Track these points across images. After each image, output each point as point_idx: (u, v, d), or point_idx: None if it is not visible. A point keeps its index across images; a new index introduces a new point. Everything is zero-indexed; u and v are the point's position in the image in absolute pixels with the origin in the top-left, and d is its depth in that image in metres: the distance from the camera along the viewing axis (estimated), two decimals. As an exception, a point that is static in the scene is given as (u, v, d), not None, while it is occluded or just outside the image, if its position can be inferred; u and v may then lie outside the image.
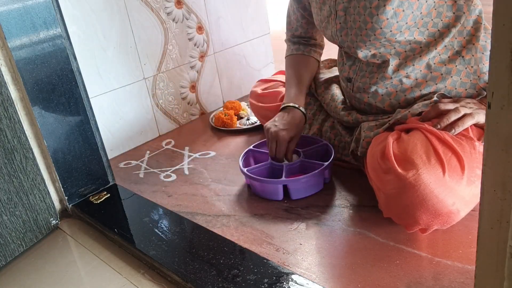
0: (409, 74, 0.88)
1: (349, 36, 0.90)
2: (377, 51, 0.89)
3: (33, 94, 0.95)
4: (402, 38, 0.85)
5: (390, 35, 0.84)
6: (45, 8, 0.93)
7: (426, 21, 0.84)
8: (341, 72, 1.02)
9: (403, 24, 0.83)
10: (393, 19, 0.82)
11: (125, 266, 0.86)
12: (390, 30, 0.83)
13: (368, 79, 0.93)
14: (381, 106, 0.93)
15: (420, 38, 0.85)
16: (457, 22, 0.85)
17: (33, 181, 0.96)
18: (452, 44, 0.86)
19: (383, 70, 0.90)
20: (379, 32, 0.84)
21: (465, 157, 0.71)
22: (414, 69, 0.87)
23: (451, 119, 0.77)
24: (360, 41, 0.88)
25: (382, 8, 0.81)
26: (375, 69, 0.92)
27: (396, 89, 0.90)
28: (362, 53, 0.91)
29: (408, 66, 0.88)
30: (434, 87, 0.87)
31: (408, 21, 0.82)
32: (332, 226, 0.87)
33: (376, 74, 0.92)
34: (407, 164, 0.72)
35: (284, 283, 0.72)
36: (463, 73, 0.86)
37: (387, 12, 0.81)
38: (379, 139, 0.84)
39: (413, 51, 0.87)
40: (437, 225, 0.74)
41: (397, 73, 0.89)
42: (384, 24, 0.83)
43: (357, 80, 0.96)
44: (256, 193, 1.01)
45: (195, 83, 1.51)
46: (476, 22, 0.86)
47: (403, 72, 0.88)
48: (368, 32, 0.85)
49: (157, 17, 1.34)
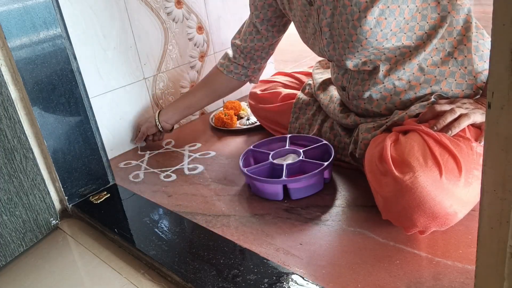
0: (401, 77, 0.88)
1: (337, 50, 0.91)
2: (368, 58, 0.90)
3: (33, 94, 0.95)
4: (389, 44, 0.85)
5: (377, 43, 0.84)
6: (45, 8, 0.93)
7: (412, 25, 0.84)
8: (335, 81, 1.02)
9: (388, 31, 0.83)
10: (377, 28, 0.82)
11: (125, 266, 0.86)
12: (376, 39, 0.84)
13: (360, 86, 0.94)
14: (378, 110, 0.93)
15: (409, 42, 0.86)
16: (443, 23, 0.85)
17: (33, 181, 0.96)
18: (443, 45, 0.86)
19: (374, 76, 0.91)
20: (365, 43, 0.85)
21: (462, 159, 0.71)
22: (405, 72, 0.88)
23: (447, 121, 0.76)
24: (349, 53, 0.89)
25: (363, 19, 0.82)
26: (366, 76, 0.93)
27: (390, 93, 0.90)
28: (352, 63, 0.92)
29: (398, 70, 0.88)
30: (429, 89, 0.87)
31: (393, 28, 0.83)
32: (332, 226, 0.87)
33: (368, 81, 0.92)
34: (404, 167, 0.72)
35: (284, 283, 0.72)
36: (457, 75, 0.86)
37: (369, 22, 0.82)
38: (376, 141, 0.84)
39: (403, 56, 0.88)
40: (435, 227, 0.74)
41: (388, 78, 0.89)
42: (369, 34, 0.83)
43: (351, 88, 0.96)
44: (256, 193, 1.01)
45: (195, 83, 1.50)
46: (465, 21, 0.85)
47: (394, 76, 0.88)
48: (355, 44, 0.86)
49: (157, 17, 1.34)
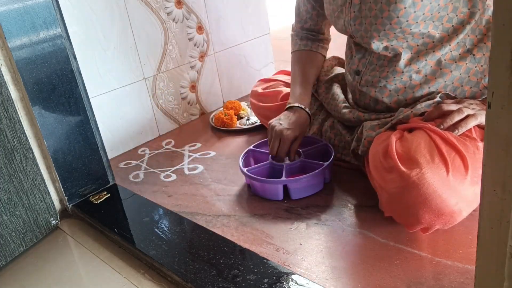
0: (420, 70, 0.87)
1: (363, 25, 0.89)
2: (389, 43, 0.88)
3: (33, 94, 0.95)
4: (416, 30, 0.84)
5: (406, 25, 0.83)
6: (45, 8, 0.93)
7: (441, 15, 0.83)
8: (349, 65, 1.00)
9: (420, 14, 0.82)
10: (411, 9, 0.81)
11: (125, 266, 0.86)
12: (407, 20, 0.82)
13: (378, 72, 0.92)
14: (388, 101, 0.92)
15: (434, 32, 0.85)
16: (471, 19, 0.84)
17: (33, 181, 0.96)
18: (464, 41, 0.86)
19: (395, 64, 0.89)
20: (395, 21, 0.83)
21: (468, 157, 0.71)
22: (426, 64, 0.87)
23: (454, 120, 0.77)
24: (374, 30, 0.87)
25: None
26: (386, 62, 0.91)
27: (405, 85, 0.89)
28: (374, 45, 0.90)
29: (420, 60, 0.87)
30: (443, 84, 0.87)
31: (425, 12, 0.82)
32: (332, 226, 0.87)
33: (387, 68, 0.91)
34: (410, 163, 0.72)
35: (284, 283, 0.72)
36: (472, 71, 0.86)
37: (405, 0, 0.81)
38: (381, 138, 0.83)
39: (425, 46, 0.87)
40: (439, 225, 0.74)
41: (409, 67, 0.88)
42: (402, 13, 0.82)
43: (366, 73, 0.95)
44: (256, 193, 1.01)
45: (195, 83, 1.51)
46: (488, 22, 0.86)
47: (415, 67, 0.88)
48: (384, 20, 0.84)
49: (157, 17, 1.34)
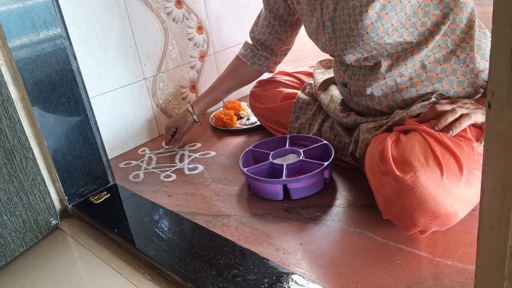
0: (403, 73, 0.88)
1: (339, 45, 0.91)
2: (369, 54, 0.90)
3: (33, 94, 0.95)
4: (391, 40, 0.85)
5: (378, 38, 0.85)
6: (45, 8, 0.93)
7: (413, 21, 0.84)
8: (337, 77, 1.02)
9: (389, 26, 0.83)
10: (378, 23, 0.83)
11: (125, 266, 0.86)
12: (377, 34, 0.84)
13: (362, 82, 0.94)
14: (379, 108, 0.93)
15: (411, 38, 0.86)
16: (445, 19, 0.85)
17: (33, 181, 0.96)
18: (446, 42, 0.86)
19: (376, 72, 0.91)
20: (366, 37, 0.85)
21: (463, 159, 0.71)
22: (407, 68, 0.88)
23: (448, 121, 0.77)
24: (350, 48, 0.89)
25: (364, 13, 0.82)
26: (368, 71, 0.93)
27: (392, 90, 0.90)
28: (354, 57, 0.92)
29: (400, 65, 0.88)
30: (431, 87, 0.87)
31: (394, 23, 0.83)
32: (332, 226, 0.87)
33: (369, 76, 0.92)
34: (405, 166, 0.72)
35: (284, 283, 0.72)
36: (459, 72, 0.86)
37: (370, 16, 0.82)
38: (377, 141, 0.84)
39: (404, 51, 0.88)
40: (435, 227, 0.74)
41: (390, 73, 0.89)
42: (370, 29, 0.83)
43: (352, 84, 0.96)
44: (256, 193, 1.01)
45: (195, 83, 1.51)
46: (469, 20, 0.86)
47: (396, 72, 0.88)
48: (356, 38, 0.86)
49: (157, 17, 1.34)
